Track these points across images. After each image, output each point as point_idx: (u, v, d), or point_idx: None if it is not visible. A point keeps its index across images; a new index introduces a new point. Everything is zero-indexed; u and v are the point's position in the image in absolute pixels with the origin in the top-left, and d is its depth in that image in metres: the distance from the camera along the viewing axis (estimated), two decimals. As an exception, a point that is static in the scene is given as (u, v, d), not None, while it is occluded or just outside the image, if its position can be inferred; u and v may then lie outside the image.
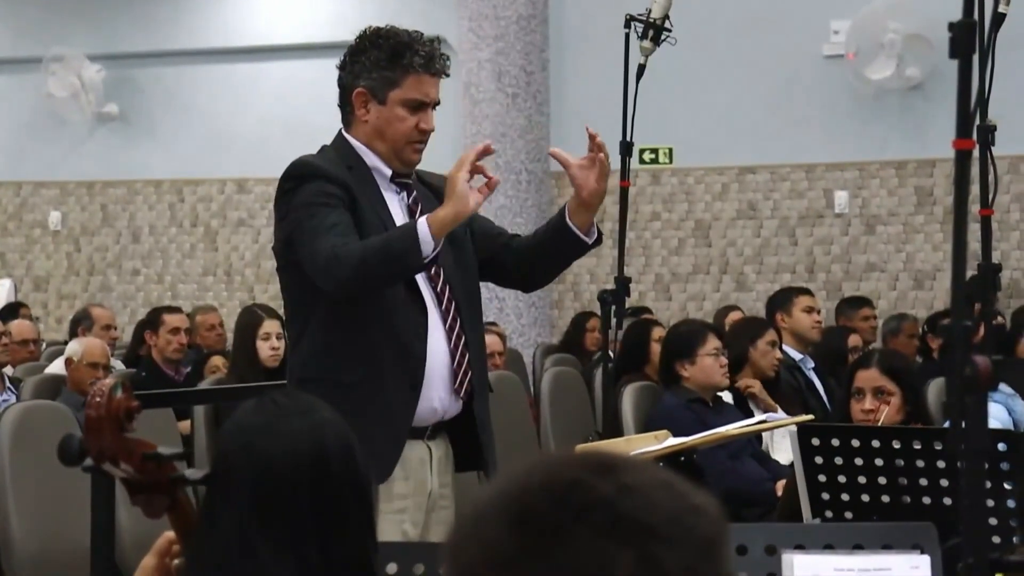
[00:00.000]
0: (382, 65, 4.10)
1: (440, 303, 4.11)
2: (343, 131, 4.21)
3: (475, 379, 4.15)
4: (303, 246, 3.95)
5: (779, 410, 6.60)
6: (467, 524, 1.54)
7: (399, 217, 4.12)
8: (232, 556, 2.36)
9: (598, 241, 4.20)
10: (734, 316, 9.30)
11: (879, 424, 4.72)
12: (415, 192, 4.19)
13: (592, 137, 4.08)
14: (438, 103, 4.18)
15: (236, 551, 2.35)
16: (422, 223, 3.81)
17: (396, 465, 4.03)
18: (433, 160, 4.32)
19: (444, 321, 4.10)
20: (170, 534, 2.55)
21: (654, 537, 1.48)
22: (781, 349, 7.11)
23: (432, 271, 4.09)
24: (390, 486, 3.99)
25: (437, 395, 4.08)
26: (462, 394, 4.12)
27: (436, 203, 4.12)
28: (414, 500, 4.08)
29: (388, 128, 4.12)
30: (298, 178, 4.04)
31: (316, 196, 3.98)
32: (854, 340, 8.29)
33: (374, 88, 4.12)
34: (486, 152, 3.91)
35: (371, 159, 4.15)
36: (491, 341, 8.32)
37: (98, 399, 2.41)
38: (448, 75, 4.21)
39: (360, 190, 4.06)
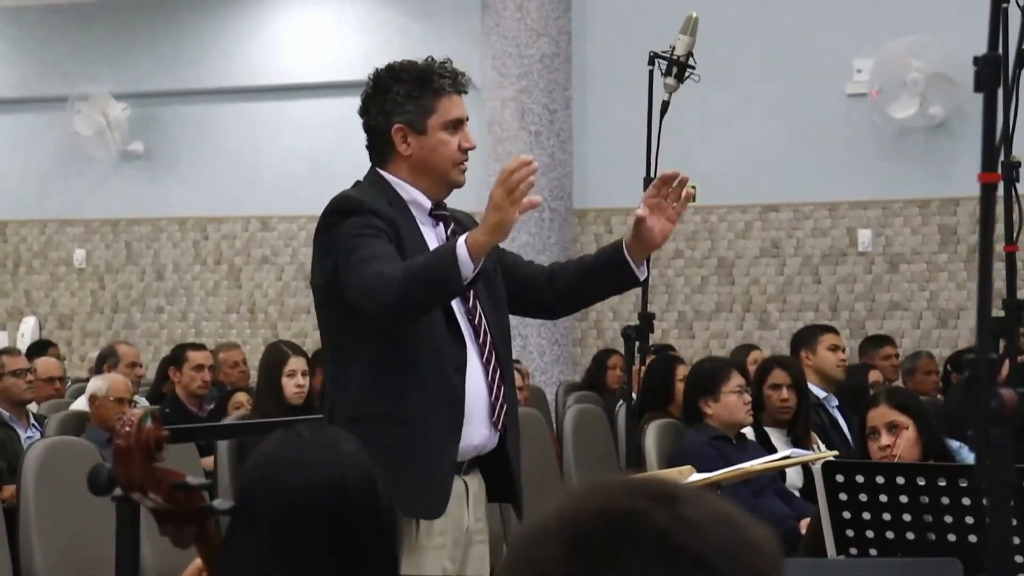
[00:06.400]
0: (414, 95, 4.08)
1: (477, 337, 4.09)
2: (377, 168, 4.18)
3: (509, 412, 4.14)
4: (349, 277, 3.89)
5: None
6: (524, 542, 1.54)
7: None
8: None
9: (646, 280, 4.22)
10: (755, 355, 9.25)
11: (897, 457, 4.72)
12: (452, 224, 4.16)
13: (672, 179, 4.07)
14: (468, 119, 4.18)
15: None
16: (461, 246, 3.73)
17: (449, 500, 4.01)
18: (454, 197, 4.31)
19: (481, 355, 4.09)
20: (199, 562, 2.56)
21: (707, 571, 1.48)
22: (801, 387, 6.99)
23: (469, 304, 4.09)
24: (432, 522, 3.98)
25: (478, 430, 4.07)
26: (499, 427, 4.12)
27: None
28: (452, 536, 4.07)
29: (434, 156, 4.09)
30: (343, 212, 4.00)
31: (362, 228, 3.94)
32: (874, 376, 8.24)
33: (411, 120, 4.09)
34: (524, 164, 3.72)
35: (409, 193, 4.12)
36: (513, 378, 8.30)
37: (127, 429, 2.42)
38: (467, 91, 4.21)
39: (401, 225, 4.04)
